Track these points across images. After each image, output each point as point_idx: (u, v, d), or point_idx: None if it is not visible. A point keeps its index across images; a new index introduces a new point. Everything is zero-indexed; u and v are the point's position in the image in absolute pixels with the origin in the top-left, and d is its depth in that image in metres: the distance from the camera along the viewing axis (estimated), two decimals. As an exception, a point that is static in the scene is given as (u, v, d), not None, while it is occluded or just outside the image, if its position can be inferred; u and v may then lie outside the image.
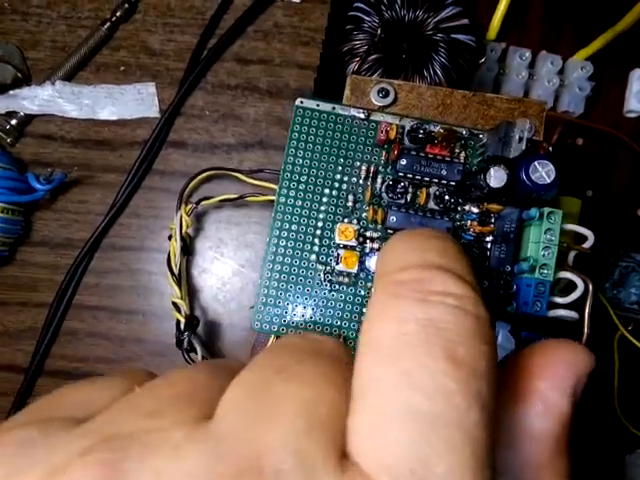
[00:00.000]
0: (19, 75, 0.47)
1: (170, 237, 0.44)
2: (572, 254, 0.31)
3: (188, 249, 0.46)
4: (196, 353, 0.40)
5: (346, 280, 0.30)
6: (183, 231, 0.43)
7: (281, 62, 0.48)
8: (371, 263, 0.29)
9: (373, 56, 0.35)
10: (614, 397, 0.41)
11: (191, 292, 0.46)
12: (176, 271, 0.43)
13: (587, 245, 0.30)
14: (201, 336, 0.45)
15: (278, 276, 0.30)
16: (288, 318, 0.30)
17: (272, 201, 0.32)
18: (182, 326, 0.42)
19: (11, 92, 0.47)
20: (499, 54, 0.43)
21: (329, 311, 0.30)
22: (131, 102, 0.48)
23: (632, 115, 0.45)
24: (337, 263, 0.30)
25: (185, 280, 0.44)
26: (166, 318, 0.45)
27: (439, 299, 0.15)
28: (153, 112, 0.47)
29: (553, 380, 0.17)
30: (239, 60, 0.48)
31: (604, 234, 0.44)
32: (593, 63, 0.43)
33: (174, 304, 0.43)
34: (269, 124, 0.47)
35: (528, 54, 0.43)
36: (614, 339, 0.41)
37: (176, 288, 0.43)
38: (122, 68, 0.48)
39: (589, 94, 0.44)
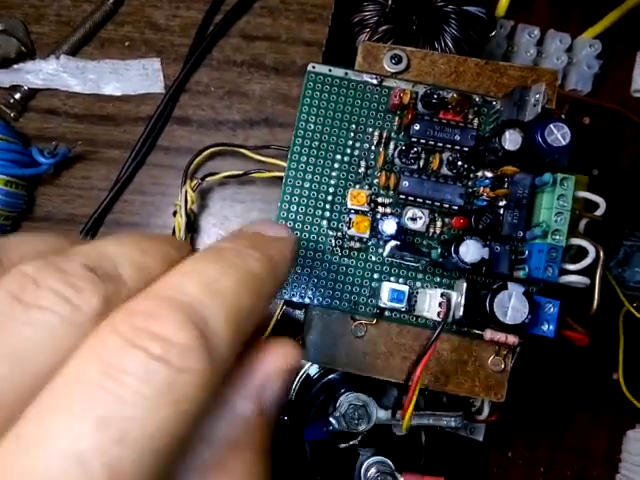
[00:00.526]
0: (23, 49, 0.46)
1: (175, 213, 0.43)
2: (583, 222, 0.31)
3: (193, 226, 0.46)
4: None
5: (357, 245, 0.30)
6: (188, 207, 0.42)
7: (287, 39, 0.47)
8: (384, 227, 0.29)
9: (384, 27, 0.35)
10: (619, 372, 0.41)
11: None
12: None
13: (599, 213, 0.30)
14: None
15: (289, 241, 0.30)
16: (298, 284, 0.30)
17: (278, 177, 0.32)
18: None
19: (15, 66, 0.46)
20: (508, 31, 0.43)
21: (340, 276, 0.30)
22: (136, 78, 0.47)
23: (639, 95, 0.45)
24: (349, 228, 0.29)
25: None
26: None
27: (147, 344, 0.13)
28: (158, 88, 0.47)
29: (242, 386, 0.17)
30: (245, 36, 0.47)
31: (609, 213, 0.44)
32: (601, 42, 0.43)
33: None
34: (275, 101, 0.47)
35: (537, 32, 0.43)
36: (619, 315, 0.41)
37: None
38: (127, 43, 0.47)
39: (597, 72, 0.44)
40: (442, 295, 0.27)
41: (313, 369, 0.38)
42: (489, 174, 0.28)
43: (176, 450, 0.14)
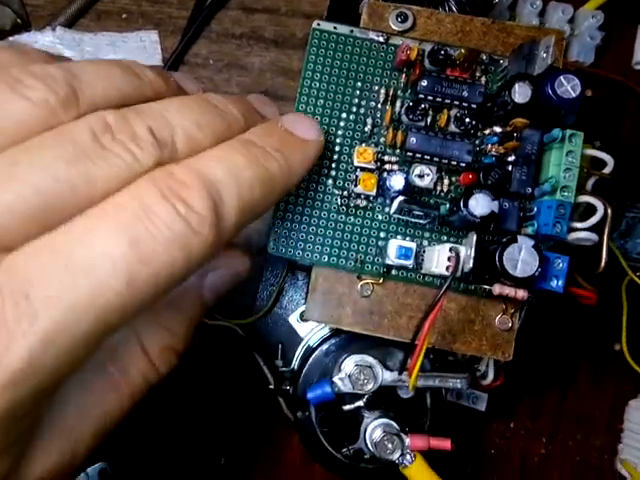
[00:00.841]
0: (18, 20, 0.46)
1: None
2: (591, 181, 0.31)
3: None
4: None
5: (363, 203, 0.30)
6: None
7: (287, 11, 0.47)
8: (392, 182, 0.28)
9: (387, -8, 0.35)
10: (622, 341, 0.41)
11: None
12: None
13: (607, 170, 0.29)
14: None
15: (294, 200, 0.30)
16: (304, 243, 0.30)
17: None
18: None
19: (10, 38, 0.46)
20: (510, 2, 0.43)
21: (346, 235, 0.30)
22: (133, 50, 0.47)
23: (641, 67, 0.45)
24: (355, 185, 0.29)
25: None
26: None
27: (176, 203, 0.18)
28: (156, 60, 0.46)
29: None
30: (244, 9, 0.47)
31: (611, 185, 0.44)
32: (604, 13, 0.43)
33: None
34: (274, 74, 0.47)
35: (539, 2, 0.43)
36: (622, 285, 0.41)
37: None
38: (124, 16, 0.47)
39: (599, 44, 0.44)
40: (451, 249, 0.27)
41: (313, 339, 0.38)
42: (498, 129, 0.28)
43: (173, 285, 0.18)
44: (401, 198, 0.28)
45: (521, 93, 0.26)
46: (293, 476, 0.42)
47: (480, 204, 0.26)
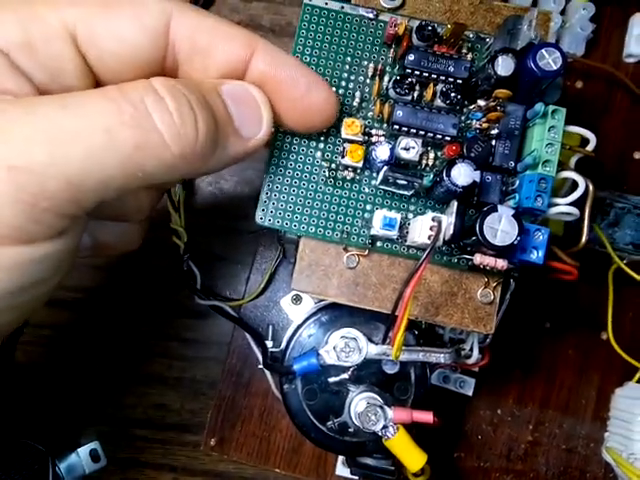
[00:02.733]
0: None
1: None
2: (574, 159, 0.31)
3: (189, 183, 0.46)
4: (194, 274, 0.42)
5: (350, 175, 0.30)
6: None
7: (284, 0, 0.48)
8: (378, 152, 0.29)
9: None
10: (608, 327, 0.41)
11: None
12: (175, 199, 0.43)
13: (589, 148, 0.30)
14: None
15: (283, 171, 0.30)
16: (291, 214, 0.30)
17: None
18: (181, 251, 0.43)
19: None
20: (502, -7, 0.43)
21: (333, 207, 0.30)
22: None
23: (631, 60, 0.45)
24: (343, 157, 0.30)
25: (183, 210, 0.44)
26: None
27: None
28: (155, 46, 0.47)
29: None
30: (242, -3, 0.48)
31: (601, 176, 0.44)
32: (595, 5, 0.44)
33: (174, 231, 0.43)
34: (271, 62, 0.47)
35: (531, -8, 0.43)
36: (609, 272, 0.42)
37: (175, 215, 0.43)
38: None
39: (590, 36, 0.44)
40: (433, 219, 0.27)
41: (300, 318, 0.38)
42: (482, 103, 0.28)
43: None
44: (386, 168, 0.28)
45: (504, 66, 0.27)
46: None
47: (462, 174, 0.27)
